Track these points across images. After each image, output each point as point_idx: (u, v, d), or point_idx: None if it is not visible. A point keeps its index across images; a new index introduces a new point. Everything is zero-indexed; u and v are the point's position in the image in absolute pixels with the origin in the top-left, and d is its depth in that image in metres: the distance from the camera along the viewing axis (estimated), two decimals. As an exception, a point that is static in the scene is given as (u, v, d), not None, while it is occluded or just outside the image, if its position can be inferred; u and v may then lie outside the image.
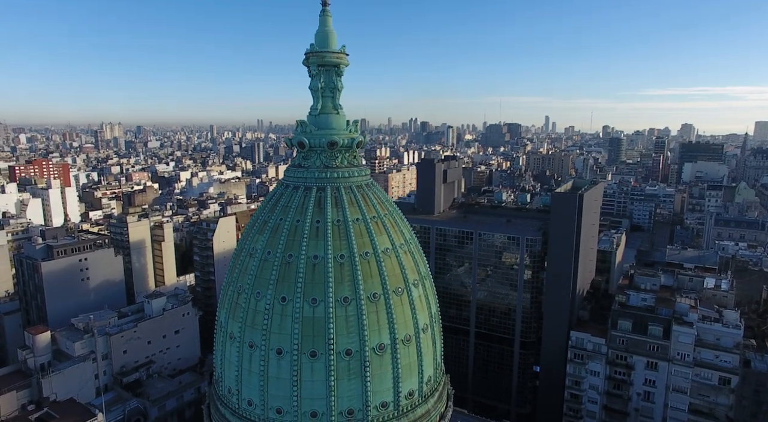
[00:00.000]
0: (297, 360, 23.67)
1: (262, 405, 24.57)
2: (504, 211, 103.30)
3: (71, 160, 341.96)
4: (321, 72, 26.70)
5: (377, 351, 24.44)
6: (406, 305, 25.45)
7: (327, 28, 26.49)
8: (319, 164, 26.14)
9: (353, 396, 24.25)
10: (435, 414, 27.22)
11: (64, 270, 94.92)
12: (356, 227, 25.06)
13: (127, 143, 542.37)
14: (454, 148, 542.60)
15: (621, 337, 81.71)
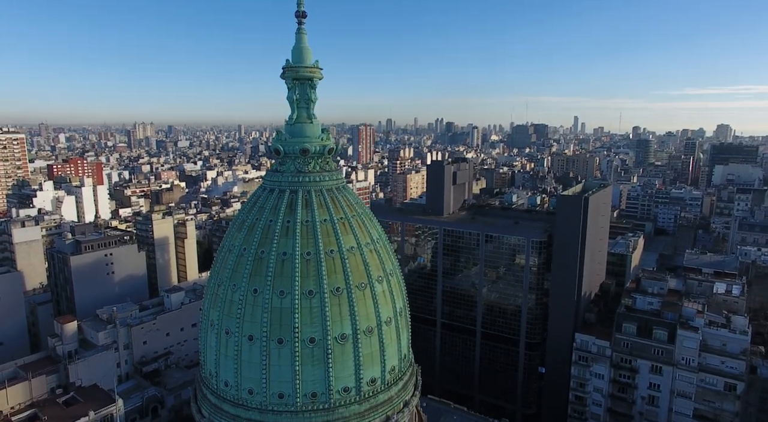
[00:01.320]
0: (266, 346, 26.28)
1: (236, 386, 27.30)
2: (514, 213, 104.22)
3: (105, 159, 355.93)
4: (296, 85, 29.28)
5: (339, 340, 26.82)
6: (369, 299, 27.73)
7: (302, 45, 29.03)
8: (293, 169, 28.70)
9: (317, 380, 26.70)
10: (398, 401, 29.38)
11: (91, 264, 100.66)
12: (323, 227, 27.51)
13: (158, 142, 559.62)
14: (479, 149, 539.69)
15: (625, 340, 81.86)
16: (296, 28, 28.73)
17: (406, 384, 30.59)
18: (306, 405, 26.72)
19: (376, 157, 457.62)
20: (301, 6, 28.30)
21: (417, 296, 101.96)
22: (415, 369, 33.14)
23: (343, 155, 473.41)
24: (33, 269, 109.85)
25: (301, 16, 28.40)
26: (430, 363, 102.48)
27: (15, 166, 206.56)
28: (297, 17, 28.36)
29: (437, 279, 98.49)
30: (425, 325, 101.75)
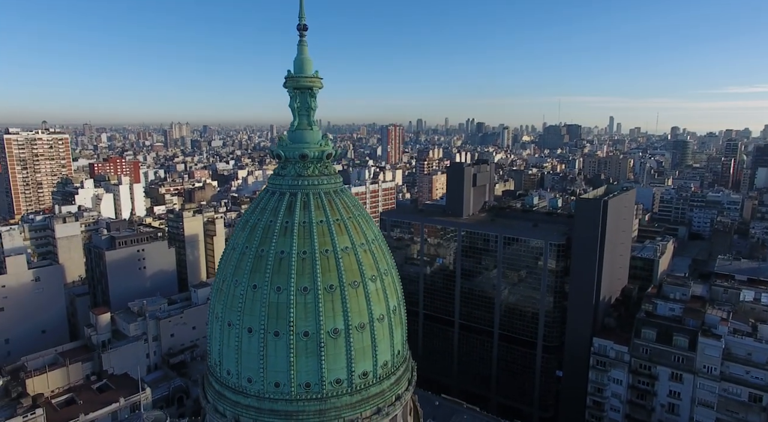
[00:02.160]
0: (263, 338, 28.28)
1: (237, 374, 29.43)
2: (534, 215, 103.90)
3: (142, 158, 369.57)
4: (297, 94, 31.18)
5: (332, 334, 28.56)
6: (362, 297, 29.36)
7: (303, 55, 30.94)
8: (293, 173, 30.63)
9: (310, 371, 28.53)
10: (390, 394, 30.92)
11: (125, 259, 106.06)
12: (319, 228, 29.31)
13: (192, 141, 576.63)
14: (509, 149, 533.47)
15: (644, 346, 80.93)
16: (298, 40, 30.57)
17: (399, 379, 32.06)
18: (300, 394, 28.60)
19: (405, 157, 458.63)
20: (302, 20, 30.18)
21: (436, 296, 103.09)
22: (410, 365, 34.54)
23: (372, 155, 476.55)
24: (73, 263, 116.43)
25: (302, 29, 30.27)
26: (447, 363, 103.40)
27: (60, 164, 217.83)
28: (298, 30, 30.22)
29: (456, 280, 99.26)
30: (443, 325, 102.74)
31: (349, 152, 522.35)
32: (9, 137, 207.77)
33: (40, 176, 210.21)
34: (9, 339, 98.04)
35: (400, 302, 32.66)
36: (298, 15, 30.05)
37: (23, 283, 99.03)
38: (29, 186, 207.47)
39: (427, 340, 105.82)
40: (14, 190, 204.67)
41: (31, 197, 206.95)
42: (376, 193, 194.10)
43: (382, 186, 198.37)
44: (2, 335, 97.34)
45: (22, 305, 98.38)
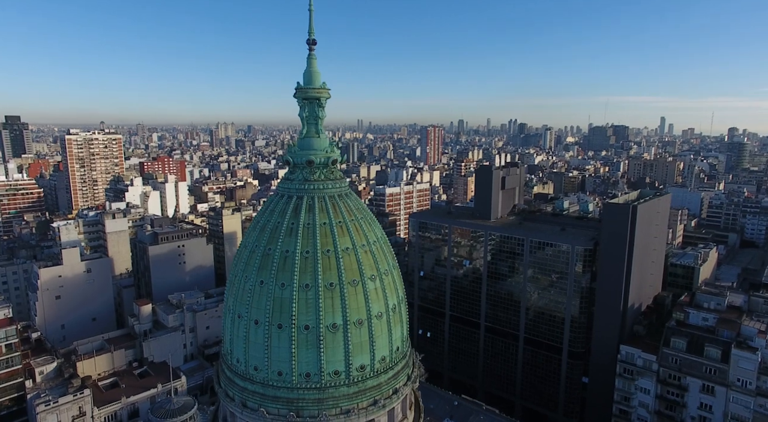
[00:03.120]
0: (268, 330, 30.70)
1: (245, 363, 32.01)
2: (564, 219, 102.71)
3: (189, 157, 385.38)
4: (306, 104, 33.45)
5: (330, 328, 30.64)
6: (360, 294, 31.28)
7: (312, 68, 33.23)
8: (301, 178, 32.95)
9: (310, 362, 30.72)
10: (387, 387, 32.72)
11: (166, 254, 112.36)
12: (322, 229, 31.47)
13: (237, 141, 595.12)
14: (551, 151, 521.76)
15: (674, 356, 78.99)
16: (307, 54, 32.83)
17: (398, 374, 33.76)
18: (300, 383, 30.84)
19: (444, 158, 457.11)
20: (311, 35, 32.41)
21: (462, 298, 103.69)
22: (412, 362, 36.15)
23: (412, 156, 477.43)
24: (121, 256, 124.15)
25: (311, 43, 32.49)
26: (473, 366, 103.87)
27: (113, 163, 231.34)
28: (308, 44, 32.46)
29: (482, 283, 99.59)
30: (470, 327, 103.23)
31: (389, 153, 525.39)
32: (70, 138, 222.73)
33: (95, 174, 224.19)
34: (64, 324, 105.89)
35: (400, 302, 34.33)
36: (308, 30, 32.28)
37: (77, 274, 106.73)
38: (86, 183, 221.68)
39: (454, 342, 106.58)
40: (73, 187, 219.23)
41: (88, 194, 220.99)
42: (411, 194, 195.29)
43: (416, 187, 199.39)
44: (59, 321, 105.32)
45: (76, 294, 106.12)
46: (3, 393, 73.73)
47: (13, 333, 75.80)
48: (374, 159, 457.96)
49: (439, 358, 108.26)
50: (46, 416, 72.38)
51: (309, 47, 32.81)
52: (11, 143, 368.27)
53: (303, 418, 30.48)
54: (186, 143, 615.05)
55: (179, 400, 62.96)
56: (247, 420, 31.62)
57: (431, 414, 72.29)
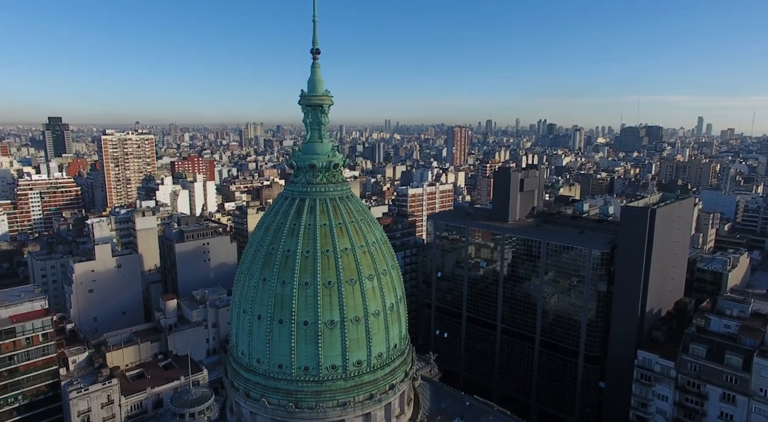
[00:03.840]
0: (270, 324, 32.47)
1: (249, 355, 33.88)
2: (583, 222, 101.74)
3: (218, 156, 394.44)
4: (309, 111, 35.10)
5: (328, 325, 32.17)
6: (358, 293, 32.70)
7: (315, 76, 34.87)
8: (304, 181, 34.63)
9: (309, 356, 32.33)
10: (384, 383, 34.05)
11: (192, 251, 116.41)
12: (322, 230, 33.04)
13: (265, 141, 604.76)
14: (581, 152, 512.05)
15: (693, 363, 77.52)
16: (311, 63, 34.48)
17: (395, 371, 35.05)
18: (299, 375, 32.51)
19: (471, 159, 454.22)
20: (315, 44, 34.02)
21: (479, 299, 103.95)
22: (411, 359, 37.37)
23: (438, 157, 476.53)
24: (149, 253, 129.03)
25: (315, 52, 34.12)
26: (489, 367, 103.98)
27: (145, 162, 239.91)
28: (311, 53, 34.10)
29: (499, 284, 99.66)
30: (486, 329, 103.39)
31: (415, 153, 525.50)
32: (105, 138, 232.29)
33: (129, 173, 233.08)
34: (96, 316, 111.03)
35: (399, 301, 35.59)
36: (312, 40, 33.90)
37: (108, 269, 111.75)
38: (120, 182, 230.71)
39: (470, 343, 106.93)
40: (108, 185, 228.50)
41: (122, 192, 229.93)
42: (433, 195, 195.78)
43: (439, 188, 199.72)
44: (91, 313, 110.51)
45: (107, 288, 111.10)
46: (39, 379, 78.25)
47: (49, 323, 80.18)
48: (400, 159, 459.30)
49: (456, 359, 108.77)
50: (78, 402, 76.63)
51: (313, 56, 34.44)
52: (53, 143, 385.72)
53: (301, 409, 32.12)
54: (216, 142, 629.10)
55: (197, 391, 65.86)
56: (250, 409, 33.49)
57: (443, 413, 73.16)
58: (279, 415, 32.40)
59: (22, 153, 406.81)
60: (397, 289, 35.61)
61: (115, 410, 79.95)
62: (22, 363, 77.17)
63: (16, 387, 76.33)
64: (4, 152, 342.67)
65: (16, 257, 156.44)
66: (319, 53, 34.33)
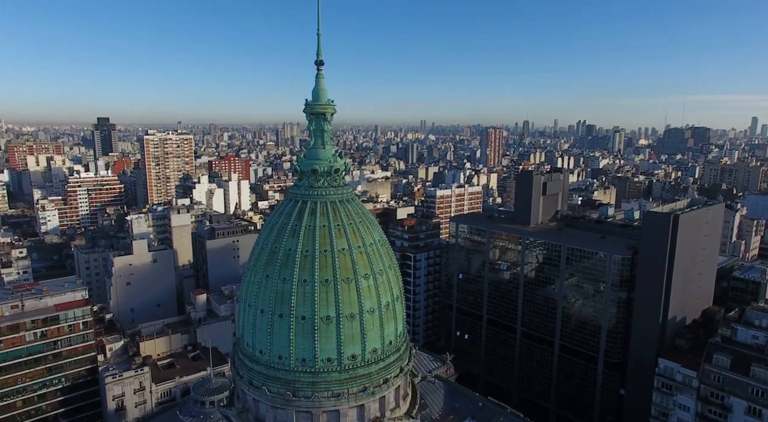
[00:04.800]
0: (271, 318, 34.92)
1: (253, 346, 36.49)
2: (607, 227, 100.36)
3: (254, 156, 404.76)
4: (313, 118, 37.40)
5: (324, 320, 34.32)
6: (353, 291, 34.73)
7: (319, 86, 37.17)
8: (307, 185, 36.98)
9: (306, 349, 34.61)
10: (377, 377, 36.01)
11: (222, 248, 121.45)
12: (321, 231, 35.25)
13: (301, 141, 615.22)
14: (620, 154, 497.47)
15: (716, 373, 75.75)
16: (316, 73, 36.75)
17: (390, 366, 36.91)
18: (297, 366, 34.83)
19: (505, 160, 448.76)
20: (319, 56, 36.28)
21: (499, 302, 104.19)
22: (407, 355, 39.09)
23: (472, 158, 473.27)
24: (183, 249, 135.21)
25: (318, 64, 36.39)
26: (509, 370, 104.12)
27: (184, 161, 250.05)
28: (316, 64, 36.36)
29: (519, 287, 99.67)
30: (506, 332, 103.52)
31: (449, 154, 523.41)
32: (147, 138, 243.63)
33: (168, 172, 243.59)
34: (133, 308, 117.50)
35: (394, 299, 37.40)
36: (316, 52, 36.14)
37: (144, 263, 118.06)
38: (160, 180, 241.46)
39: (490, 345, 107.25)
40: (149, 183, 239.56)
41: (161, 190, 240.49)
42: (462, 196, 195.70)
43: (467, 190, 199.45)
44: (129, 305, 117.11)
45: (143, 281, 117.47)
46: (79, 364, 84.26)
47: (89, 312, 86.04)
48: (433, 160, 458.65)
49: (476, 361, 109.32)
50: (113, 387, 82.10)
51: (317, 68, 36.70)
52: (101, 143, 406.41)
53: (298, 398, 34.45)
54: (253, 142, 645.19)
55: (218, 381, 69.64)
56: (253, 396, 36.11)
57: (455, 412, 74.36)
58: (278, 402, 34.83)
59: (74, 152, 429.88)
60: (393, 288, 37.41)
61: (147, 396, 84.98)
62: (65, 348, 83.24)
63: (60, 370, 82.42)
64: (58, 150, 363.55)
65: (64, 250, 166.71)
66: (323, 64, 36.60)
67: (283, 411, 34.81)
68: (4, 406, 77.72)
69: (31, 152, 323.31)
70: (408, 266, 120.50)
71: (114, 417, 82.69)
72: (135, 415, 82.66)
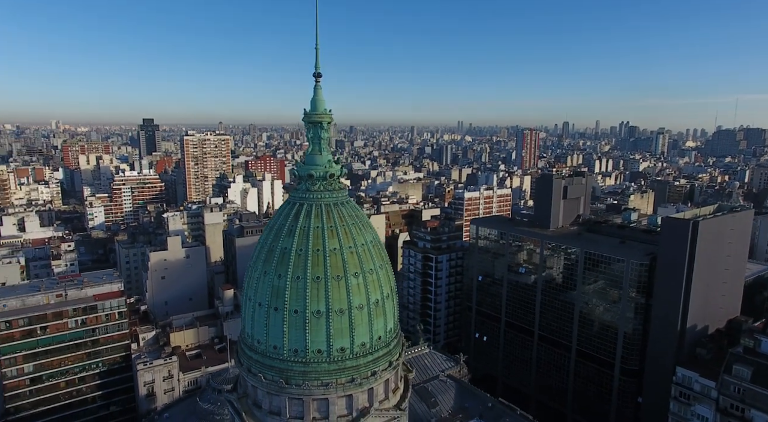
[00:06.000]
0: (267, 311, 37.86)
1: (252, 336, 39.60)
2: (629, 232, 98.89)
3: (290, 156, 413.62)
4: (311, 127, 40.12)
5: (315, 314, 36.97)
6: (343, 288, 37.23)
7: (317, 97, 39.95)
8: (304, 188, 39.83)
9: (298, 340, 37.35)
10: (365, 369, 38.41)
11: (250, 246, 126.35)
12: (315, 232, 37.92)
13: (337, 141, 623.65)
14: (664, 157, 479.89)
15: (736, 385, 73.96)
16: (314, 85, 39.49)
17: (378, 359, 39.27)
18: (290, 357, 37.69)
19: (541, 162, 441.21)
20: (317, 68, 39.00)
21: (518, 305, 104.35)
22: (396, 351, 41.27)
23: (507, 160, 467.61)
24: (215, 246, 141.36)
25: (317, 76, 39.12)
26: (525, 373, 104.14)
27: (221, 161, 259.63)
28: (314, 77, 39.11)
29: (537, 291, 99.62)
30: (524, 335, 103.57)
31: (484, 155, 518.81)
32: (187, 138, 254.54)
33: (206, 171, 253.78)
34: (167, 301, 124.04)
35: (384, 297, 39.65)
36: (315, 65, 38.85)
37: (178, 258, 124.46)
38: (198, 179, 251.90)
39: (508, 348, 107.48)
40: (188, 181, 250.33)
41: (200, 188, 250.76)
42: (490, 199, 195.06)
43: (497, 192, 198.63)
44: (163, 298, 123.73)
45: (177, 276, 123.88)
46: (114, 351, 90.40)
47: (123, 303, 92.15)
48: (467, 162, 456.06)
49: (495, 363, 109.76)
50: (144, 373, 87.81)
51: (315, 80, 39.42)
52: (146, 142, 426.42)
53: (290, 385, 37.29)
54: (290, 142, 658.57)
55: (235, 371, 73.30)
56: (251, 383, 39.24)
57: (465, 412, 75.68)
58: (272, 389, 37.77)
59: (121, 151, 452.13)
60: (383, 287, 39.65)
61: (174, 384, 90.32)
62: (102, 335, 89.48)
63: (97, 356, 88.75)
64: (107, 150, 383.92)
65: (108, 245, 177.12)
66: (320, 77, 39.30)
67: (277, 397, 37.71)
68: (51, 386, 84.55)
69: (82, 151, 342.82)
70: (429, 268, 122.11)
71: (145, 401, 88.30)
72: (164, 401, 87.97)
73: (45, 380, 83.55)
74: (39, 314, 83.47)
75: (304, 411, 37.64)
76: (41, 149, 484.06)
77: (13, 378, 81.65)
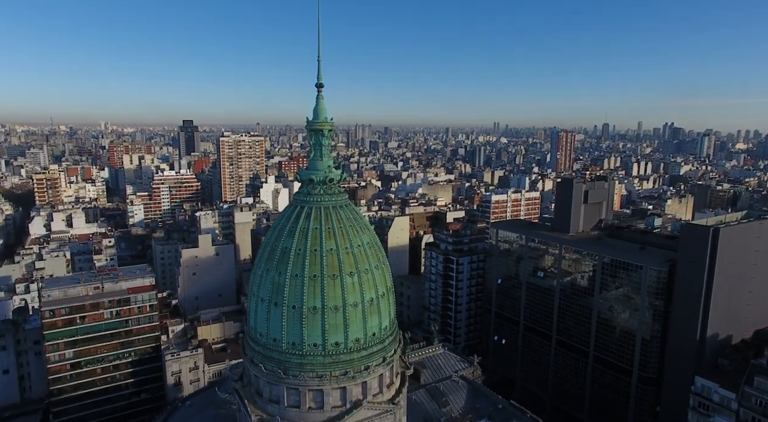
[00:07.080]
0: (268, 306, 40.60)
1: (255, 329, 42.51)
2: (651, 238, 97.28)
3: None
4: (312, 134, 42.68)
5: (311, 310, 39.42)
6: (338, 286, 39.57)
7: (319, 106, 42.49)
8: (305, 192, 42.44)
9: (295, 334, 39.92)
10: (359, 363, 40.66)
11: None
12: (313, 233, 40.42)
13: (371, 142, 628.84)
14: (708, 160, 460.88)
15: (758, 397, 72.17)
16: (316, 94, 42.04)
17: (372, 355, 41.46)
18: (288, 349, 40.32)
19: (577, 165, 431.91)
20: (319, 79, 41.54)
21: (535, 308, 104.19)
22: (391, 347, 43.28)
23: (542, 162, 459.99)
24: (245, 244, 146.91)
25: (319, 86, 41.66)
26: (543, 377, 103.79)
27: (255, 162, 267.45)
28: (316, 87, 41.64)
29: (555, 295, 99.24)
30: (542, 339, 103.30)
31: (518, 158, 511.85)
32: (222, 139, 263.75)
33: (241, 171, 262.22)
34: (198, 296, 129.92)
35: (379, 296, 41.74)
36: (317, 76, 41.40)
37: (209, 256, 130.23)
38: (233, 179, 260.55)
39: (527, 351, 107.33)
40: (223, 181, 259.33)
41: (234, 188, 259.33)
42: (518, 202, 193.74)
43: (524, 195, 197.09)
44: (194, 293, 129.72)
45: (207, 272, 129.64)
46: (146, 342, 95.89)
47: (154, 297, 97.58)
48: (501, 164, 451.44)
49: (513, 366, 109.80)
50: (171, 364, 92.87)
51: (317, 90, 41.95)
52: (185, 143, 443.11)
53: (287, 376, 39.92)
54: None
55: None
56: (254, 372, 42.13)
57: (474, 412, 76.65)
58: (272, 379, 40.52)
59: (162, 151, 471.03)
60: (379, 286, 41.74)
61: (200, 375, 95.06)
62: (134, 326, 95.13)
63: (130, 345, 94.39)
64: (149, 150, 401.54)
65: (146, 241, 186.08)
66: (322, 87, 41.85)
67: (277, 387, 40.45)
68: (89, 371, 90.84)
69: (126, 151, 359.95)
70: (451, 270, 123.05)
71: (172, 390, 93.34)
72: (189, 390, 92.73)
73: (83, 366, 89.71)
74: (78, 304, 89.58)
75: (300, 401, 40.20)
76: (90, 149, 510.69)
77: (56, 362, 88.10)
